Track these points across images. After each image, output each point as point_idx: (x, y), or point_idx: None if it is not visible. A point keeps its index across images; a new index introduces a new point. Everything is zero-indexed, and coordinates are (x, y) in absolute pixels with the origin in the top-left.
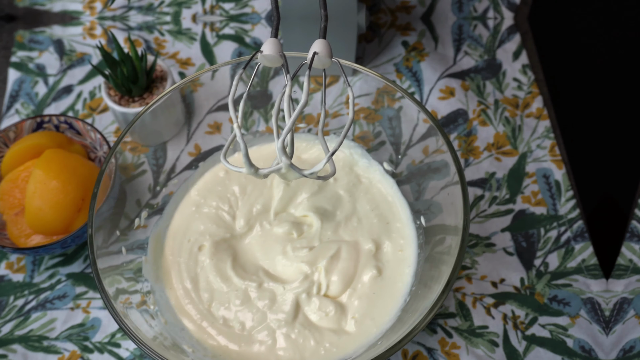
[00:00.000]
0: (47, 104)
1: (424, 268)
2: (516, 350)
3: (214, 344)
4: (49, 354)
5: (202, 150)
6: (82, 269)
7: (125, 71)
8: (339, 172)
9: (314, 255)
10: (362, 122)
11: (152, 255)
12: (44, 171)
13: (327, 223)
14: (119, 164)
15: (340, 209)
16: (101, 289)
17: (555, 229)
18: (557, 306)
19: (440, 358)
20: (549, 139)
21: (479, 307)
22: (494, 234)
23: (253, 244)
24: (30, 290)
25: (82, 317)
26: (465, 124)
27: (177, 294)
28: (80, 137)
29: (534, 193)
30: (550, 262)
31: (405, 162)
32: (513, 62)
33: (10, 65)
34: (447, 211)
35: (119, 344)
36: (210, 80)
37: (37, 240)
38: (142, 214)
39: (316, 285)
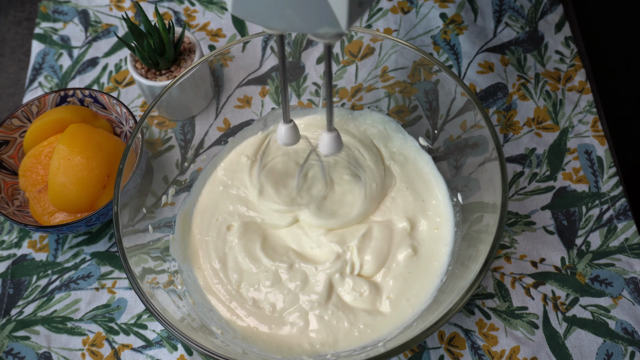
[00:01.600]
0: (72, 77)
1: (461, 247)
2: (556, 332)
3: (244, 325)
4: (73, 335)
5: (231, 125)
6: (107, 248)
7: (152, 43)
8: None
9: (343, 235)
10: (398, 95)
11: (180, 233)
12: (68, 147)
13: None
14: (146, 139)
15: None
16: (127, 268)
17: (597, 206)
18: (599, 287)
19: (478, 340)
20: (591, 113)
21: (518, 288)
22: (533, 212)
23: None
24: (53, 269)
25: (107, 297)
26: (505, 98)
27: (205, 273)
28: (105, 111)
29: (576, 170)
30: (592, 241)
31: (442, 138)
32: (555, 34)
33: (34, 37)
34: (485, 188)
35: (146, 325)
36: (241, 53)
37: (61, 218)
38: (169, 191)
39: (349, 265)
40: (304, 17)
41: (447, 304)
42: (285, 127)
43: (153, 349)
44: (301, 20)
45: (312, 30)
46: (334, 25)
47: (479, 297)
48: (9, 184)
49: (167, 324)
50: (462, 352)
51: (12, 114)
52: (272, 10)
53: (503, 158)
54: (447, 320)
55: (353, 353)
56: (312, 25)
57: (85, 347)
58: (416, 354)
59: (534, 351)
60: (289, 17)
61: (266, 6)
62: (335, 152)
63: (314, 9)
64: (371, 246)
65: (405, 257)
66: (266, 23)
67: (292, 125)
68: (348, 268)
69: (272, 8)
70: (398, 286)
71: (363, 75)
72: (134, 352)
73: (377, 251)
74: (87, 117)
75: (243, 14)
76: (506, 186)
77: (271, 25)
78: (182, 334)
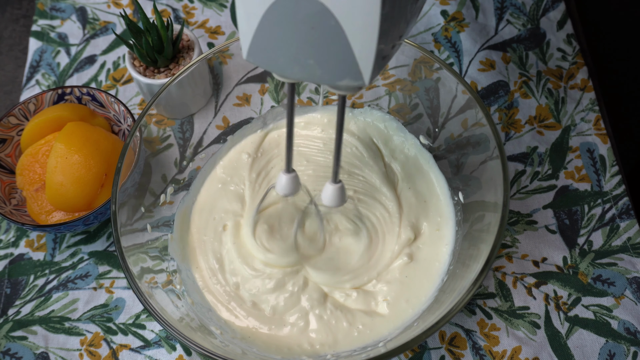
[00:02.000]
0: (69, 75)
1: (462, 246)
2: (558, 332)
3: (243, 325)
4: (71, 335)
5: (230, 124)
6: (105, 247)
7: (150, 41)
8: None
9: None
10: (398, 93)
11: (179, 232)
12: (66, 145)
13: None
14: (144, 138)
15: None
16: (125, 267)
17: (599, 205)
18: (601, 286)
19: (479, 340)
20: (593, 111)
21: (520, 287)
22: (535, 211)
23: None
24: (51, 269)
25: (106, 297)
26: (506, 96)
27: (203, 273)
28: (103, 109)
29: (578, 168)
30: (595, 240)
31: (443, 136)
32: (557, 32)
33: (31, 34)
34: (487, 187)
35: (144, 325)
36: (240, 51)
37: (59, 217)
38: (168, 190)
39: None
40: (326, 68)
41: (448, 304)
42: (286, 177)
43: (151, 349)
44: (322, 71)
45: (332, 82)
46: (356, 78)
47: (480, 297)
48: (6, 182)
49: (165, 324)
50: (463, 352)
51: (9, 112)
52: (293, 59)
53: (504, 156)
54: (448, 320)
55: (353, 353)
56: (334, 77)
57: (83, 347)
58: (417, 354)
59: (535, 351)
60: (310, 67)
61: (287, 55)
62: (339, 204)
63: (338, 61)
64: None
65: (400, 265)
66: (283, 72)
67: (294, 175)
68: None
69: (292, 57)
70: (394, 289)
71: None
72: (132, 352)
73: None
74: (84, 115)
75: (259, 61)
76: (508, 185)
77: (289, 75)
78: (181, 334)
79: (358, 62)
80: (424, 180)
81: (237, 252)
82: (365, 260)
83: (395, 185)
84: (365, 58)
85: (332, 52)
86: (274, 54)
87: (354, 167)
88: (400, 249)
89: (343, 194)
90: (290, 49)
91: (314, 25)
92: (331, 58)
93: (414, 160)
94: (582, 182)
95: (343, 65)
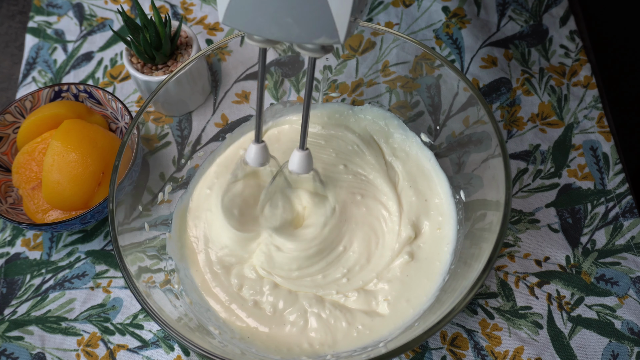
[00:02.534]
0: (66, 72)
1: (464, 245)
2: (561, 332)
3: (243, 325)
4: (68, 335)
5: (229, 121)
6: (103, 246)
7: (148, 37)
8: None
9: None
10: (399, 91)
11: (177, 232)
12: (62, 143)
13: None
14: (142, 135)
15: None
16: (123, 267)
17: (602, 204)
18: (604, 286)
19: (481, 340)
20: (596, 109)
21: (522, 287)
22: (538, 210)
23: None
24: (47, 268)
25: (103, 297)
26: (509, 93)
27: (204, 277)
28: (100, 106)
29: (581, 166)
30: (598, 239)
31: (444, 134)
32: (560, 28)
33: (27, 30)
34: (489, 185)
35: (142, 325)
36: (239, 47)
37: (55, 216)
38: (165, 188)
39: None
40: (303, 27)
41: (449, 304)
42: (256, 147)
43: (149, 350)
44: (300, 29)
45: (309, 40)
46: (332, 36)
47: (482, 297)
48: (2, 181)
49: (163, 324)
50: (465, 352)
51: (5, 110)
52: (271, 18)
53: (507, 154)
54: (450, 320)
55: (353, 354)
56: (310, 36)
57: (80, 348)
58: (418, 355)
59: (538, 352)
60: (288, 26)
61: (265, 15)
62: (306, 171)
63: (315, 19)
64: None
65: (401, 264)
66: (261, 32)
67: (263, 145)
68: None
69: (270, 17)
70: (395, 288)
71: (364, 70)
72: (129, 352)
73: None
74: (81, 112)
75: (237, 23)
76: (510, 183)
77: (267, 35)
78: (179, 334)
79: (335, 20)
80: (425, 178)
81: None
82: (365, 260)
83: (396, 184)
84: (341, 15)
85: (309, 10)
86: (252, 15)
87: (356, 166)
88: (401, 247)
89: (310, 161)
90: (268, 8)
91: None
92: (309, 16)
93: (415, 158)
94: (585, 180)
95: (320, 23)
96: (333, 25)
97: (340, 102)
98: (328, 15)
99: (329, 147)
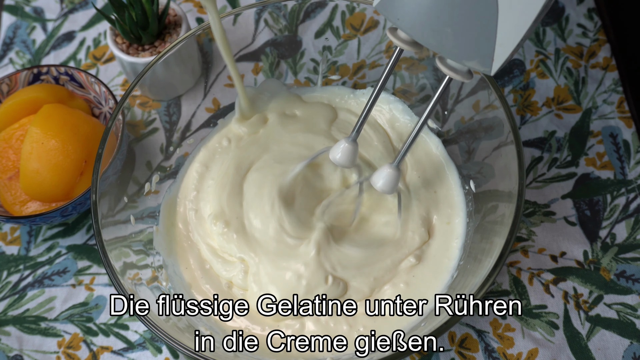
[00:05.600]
0: (46, 53)
1: (474, 240)
2: (578, 333)
3: (235, 325)
4: (47, 337)
5: (221, 106)
6: (85, 241)
7: (134, 15)
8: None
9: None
10: (404, 73)
11: (165, 225)
12: (42, 129)
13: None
14: (127, 121)
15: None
16: (107, 263)
17: (623, 195)
18: (625, 283)
19: (492, 342)
20: (616, 92)
21: (537, 284)
22: (553, 201)
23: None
24: (25, 264)
25: (85, 295)
26: (522, 75)
27: (194, 274)
28: (82, 90)
29: (600, 155)
30: (618, 233)
31: (452, 120)
32: (577, 6)
33: (4, 8)
34: (500, 175)
35: (127, 325)
36: (232, 26)
37: (34, 208)
38: (153, 178)
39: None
40: (460, 42)
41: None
42: (348, 145)
43: (135, 352)
44: (454, 44)
45: (459, 58)
46: (485, 63)
47: (493, 295)
48: None
49: (150, 325)
50: (475, 355)
51: None
52: (429, 21)
53: (520, 142)
54: (458, 320)
55: (354, 356)
56: (462, 55)
57: (60, 350)
58: (424, 357)
59: (553, 354)
60: (443, 35)
61: (424, 15)
62: (391, 191)
63: (476, 39)
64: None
65: (407, 267)
66: (411, 31)
67: (356, 148)
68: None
69: (429, 19)
70: (400, 290)
71: (366, 50)
72: (114, 355)
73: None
74: (62, 96)
75: (389, 12)
76: (523, 173)
77: (416, 36)
78: (167, 335)
79: (496, 48)
80: (434, 168)
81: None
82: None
83: (405, 173)
84: (505, 45)
85: (474, 28)
86: (410, 10)
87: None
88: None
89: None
90: (432, 10)
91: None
92: (470, 34)
93: (423, 146)
94: (605, 169)
95: (478, 45)
96: (491, 52)
97: (340, 85)
98: (491, 40)
99: (334, 128)
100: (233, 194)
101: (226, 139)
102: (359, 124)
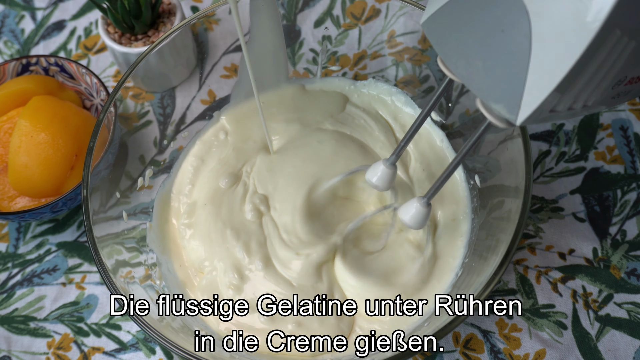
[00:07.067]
0: (35, 43)
1: (479, 237)
2: (587, 334)
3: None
4: (37, 337)
5: (216, 98)
6: (76, 238)
7: (126, 4)
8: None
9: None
10: (407, 64)
11: (158, 221)
12: (31, 122)
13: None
14: (119, 114)
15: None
16: (98, 260)
17: (634, 190)
18: (636, 281)
19: (498, 342)
20: None
21: (544, 283)
22: (561, 197)
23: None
24: (14, 262)
25: (76, 294)
26: None
27: (188, 272)
28: (73, 81)
29: (610, 148)
30: (629, 229)
31: (457, 112)
32: None
33: None
34: (507, 169)
35: (119, 325)
36: (228, 15)
37: (23, 204)
38: (146, 173)
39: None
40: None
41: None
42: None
43: (128, 353)
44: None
45: (486, 97)
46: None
47: (499, 294)
48: None
49: (143, 325)
50: (480, 356)
51: None
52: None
53: (527, 135)
54: (463, 320)
55: (354, 356)
56: (489, 94)
57: (50, 351)
58: (428, 358)
59: (562, 355)
60: (474, 69)
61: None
62: (419, 227)
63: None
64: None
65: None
66: (447, 58)
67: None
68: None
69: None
70: (402, 290)
71: (367, 40)
72: (106, 356)
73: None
74: (52, 88)
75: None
76: (530, 167)
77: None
78: (161, 335)
79: (524, 92)
80: (438, 161)
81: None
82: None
83: (408, 165)
84: (534, 92)
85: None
86: (449, 36)
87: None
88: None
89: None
90: (467, 39)
91: (504, 28)
92: (500, 71)
93: (427, 138)
94: (615, 163)
95: (506, 86)
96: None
97: (340, 77)
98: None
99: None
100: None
101: (223, 132)
102: (400, 148)
